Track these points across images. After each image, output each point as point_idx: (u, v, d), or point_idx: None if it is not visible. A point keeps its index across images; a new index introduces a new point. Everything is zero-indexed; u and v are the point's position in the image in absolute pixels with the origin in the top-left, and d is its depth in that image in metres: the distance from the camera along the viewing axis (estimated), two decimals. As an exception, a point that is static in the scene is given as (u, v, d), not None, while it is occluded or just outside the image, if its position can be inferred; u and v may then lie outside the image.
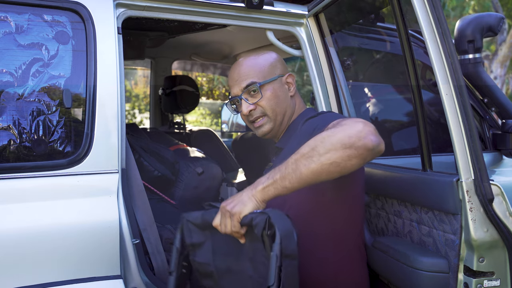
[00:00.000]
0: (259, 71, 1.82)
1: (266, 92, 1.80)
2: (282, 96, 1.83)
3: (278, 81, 1.84)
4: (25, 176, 1.68)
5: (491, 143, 2.43)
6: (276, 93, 1.81)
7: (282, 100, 1.83)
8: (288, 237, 1.34)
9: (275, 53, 1.93)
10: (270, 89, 1.81)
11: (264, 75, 1.82)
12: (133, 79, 13.59)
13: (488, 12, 5.42)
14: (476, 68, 2.33)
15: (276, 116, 1.82)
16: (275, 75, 1.84)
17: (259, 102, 1.80)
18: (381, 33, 2.72)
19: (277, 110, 1.82)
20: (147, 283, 1.80)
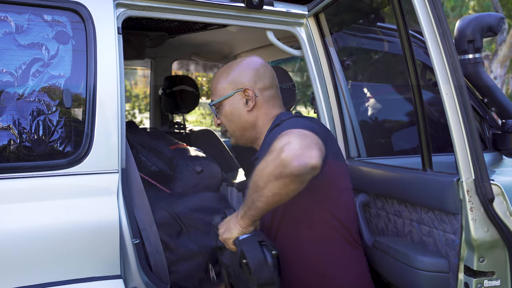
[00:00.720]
0: (217, 89, 1.87)
1: (223, 109, 1.86)
2: (236, 112, 1.84)
3: (235, 98, 1.84)
4: (25, 176, 1.68)
5: (491, 143, 2.43)
6: (231, 111, 1.85)
7: (236, 117, 1.84)
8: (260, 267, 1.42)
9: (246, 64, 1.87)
10: (226, 106, 1.85)
11: (220, 93, 1.86)
12: (133, 79, 13.60)
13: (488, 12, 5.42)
14: (476, 68, 2.33)
15: (233, 131, 1.89)
16: (231, 91, 1.84)
17: (221, 118, 1.89)
18: (381, 33, 2.72)
19: (232, 127, 1.87)
20: (147, 283, 1.80)
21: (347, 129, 2.35)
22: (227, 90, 1.85)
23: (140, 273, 1.79)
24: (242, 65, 1.88)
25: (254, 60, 1.90)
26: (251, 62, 1.89)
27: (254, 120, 1.85)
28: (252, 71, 1.86)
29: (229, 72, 1.87)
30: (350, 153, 2.34)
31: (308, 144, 1.39)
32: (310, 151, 1.36)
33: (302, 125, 1.58)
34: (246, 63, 1.89)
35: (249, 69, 1.86)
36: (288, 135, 1.42)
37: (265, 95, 1.85)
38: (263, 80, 1.86)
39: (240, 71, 1.86)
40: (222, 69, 1.91)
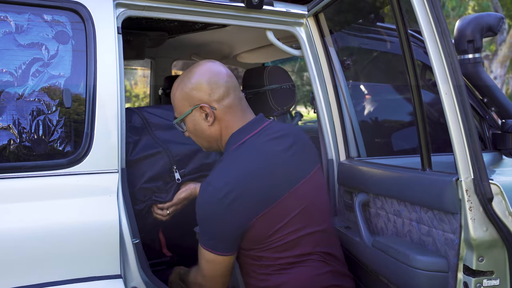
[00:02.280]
0: (176, 105, 1.83)
1: (187, 125, 1.83)
2: (198, 128, 1.81)
3: (194, 113, 1.79)
4: (25, 176, 1.68)
5: (491, 143, 2.43)
6: (194, 126, 1.82)
7: (200, 132, 1.82)
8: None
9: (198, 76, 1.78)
10: (188, 122, 1.82)
11: (180, 109, 1.82)
12: (133, 79, 13.60)
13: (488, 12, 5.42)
14: (476, 68, 2.33)
15: (202, 143, 1.88)
16: (190, 107, 1.79)
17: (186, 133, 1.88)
18: (381, 33, 2.73)
19: (199, 141, 1.87)
20: (147, 283, 1.80)
21: (347, 129, 2.35)
22: (185, 107, 1.80)
23: (140, 273, 1.79)
24: (195, 78, 1.78)
25: (206, 69, 1.81)
26: (203, 73, 1.79)
27: (217, 133, 1.81)
28: (204, 83, 1.77)
29: (183, 88, 1.79)
30: (350, 153, 2.34)
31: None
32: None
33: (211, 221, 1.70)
34: (198, 75, 1.79)
35: (201, 82, 1.77)
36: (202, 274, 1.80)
37: (223, 105, 1.77)
38: (218, 90, 1.76)
39: (193, 86, 1.77)
40: (177, 82, 1.83)
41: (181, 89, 1.80)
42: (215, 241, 1.70)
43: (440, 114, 2.11)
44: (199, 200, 1.70)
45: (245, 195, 1.66)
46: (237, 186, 1.66)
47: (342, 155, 2.34)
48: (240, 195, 1.65)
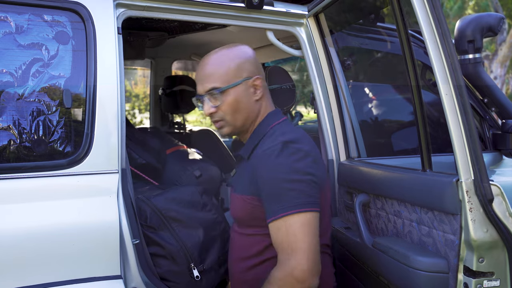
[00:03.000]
0: (223, 74, 1.70)
1: (228, 97, 1.71)
2: (244, 101, 1.72)
3: (243, 85, 1.71)
4: (25, 176, 1.68)
5: (491, 143, 2.43)
6: (238, 99, 1.71)
7: (244, 106, 1.72)
8: None
9: (247, 51, 1.76)
10: (233, 93, 1.71)
11: (228, 79, 1.70)
12: (133, 79, 13.60)
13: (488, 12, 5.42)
14: (476, 68, 2.33)
15: (236, 121, 1.75)
16: (240, 78, 1.71)
17: (221, 106, 1.72)
18: (381, 33, 2.73)
19: (237, 116, 1.73)
20: (147, 283, 1.80)
21: (347, 129, 2.35)
22: (235, 78, 1.70)
23: (140, 273, 1.79)
24: (247, 52, 1.75)
25: (249, 48, 1.79)
26: (250, 50, 1.77)
27: (259, 110, 1.77)
28: (255, 59, 1.76)
29: (235, 58, 1.72)
30: (350, 153, 2.34)
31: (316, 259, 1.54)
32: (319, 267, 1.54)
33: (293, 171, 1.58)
34: (247, 50, 1.76)
35: (252, 57, 1.76)
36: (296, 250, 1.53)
37: (265, 85, 1.78)
38: (261, 69, 1.78)
39: (247, 58, 1.74)
40: (220, 53, 1.74)
41: (231, 58, 1.72)
42: (311, 198, 1.58)
43: (440, 114, 2.11)
44: (284, 161, 1.59)
45: (318, 157, 1.68)
46: (312, 148, 1.67)
47: (342, 156, 2.34)
48: (317, 155, 1.68)
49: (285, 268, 1.53)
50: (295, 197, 1.56)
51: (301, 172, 1.59)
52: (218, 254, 2.09)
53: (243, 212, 1.72)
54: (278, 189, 1.58)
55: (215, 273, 2.10)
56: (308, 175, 1.59)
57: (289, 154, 1.60)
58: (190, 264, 1.98)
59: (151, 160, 2.68)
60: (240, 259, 1.76)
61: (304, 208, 1.55)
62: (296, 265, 1.51)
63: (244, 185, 1.72)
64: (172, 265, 1.95)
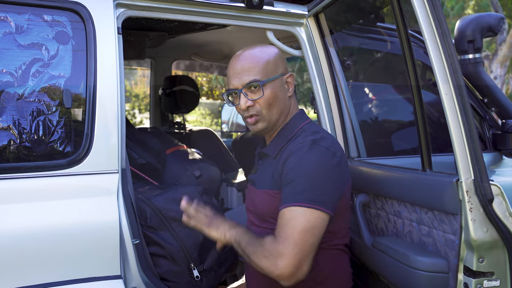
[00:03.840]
0: (263, 68, 1.75)
1: (267, 90, 1.75)
2: (281, 96, 1.78)
3: (279, 80, 1.78)
4: (25, 176, 1.68)
5: (491, 143, 2.43)
6: (276, 93, 1.76)
7: (280, 100, 1.78)
8: None
9: (278, 50, 1.86)
10: (271, 87, 1.75)
11: (267, 72, 1.75)
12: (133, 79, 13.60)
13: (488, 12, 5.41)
14: (476, 68, 2.32)
15: (272, 115, 1.78)
16: (277, 74, 1.77)
17: (259, 100, 1.75)
18: (381, 33, 2.72)
19: (274, 110, 1.78)
20: (147, 283, 1.80)
21: (347, 129, 2.35)
22: (274, 72, 1.77)
23: (140, 273, 1.79)
24: (279, 51, 1.84)
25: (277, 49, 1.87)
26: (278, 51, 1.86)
27: (290, 107, 1.84)
28: (284, 59, 1.84)
29: (272, 54, 1.80)
30: (350, 153, 2.34)
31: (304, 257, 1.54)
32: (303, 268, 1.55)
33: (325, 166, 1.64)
34: (276, 50, 1.84)
35: (282, 56, 1.84)
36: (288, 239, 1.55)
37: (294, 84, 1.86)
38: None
39: (280, 56, 1.82)
40: (257, 49, 1.81)
41: (269, 54, 1.79)
42: (326, 197, 1.61)
43: (440, 114, 2.11)
44: (310, 157, 1.65)
45: (343, 158, 1.72)
46: (339, 148, 1.72)
47: (342, 156, 2.34)
48: (342, 156, 1.71)
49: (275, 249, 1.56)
50: (310, 192, 1.59)
51: (324, 171, 1.64)
52: (218, 254, 2.09)
53: (267, 206, 1.74)
54: (297, 180, 1.62)
55: (215, 273, 2.10)
56: (330, 175, 1.64)
57: (317, 151, 1.66)
58: (190, 264, 1.98)
59: (151, 160, 2.68)
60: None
61: (315, 205, 1.58)
62: (282, 254, 1.54)
63: (268, 180, 1.75)
64: (172, 265, 1.95)
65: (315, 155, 1.65)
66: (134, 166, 2.56)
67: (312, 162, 1.64)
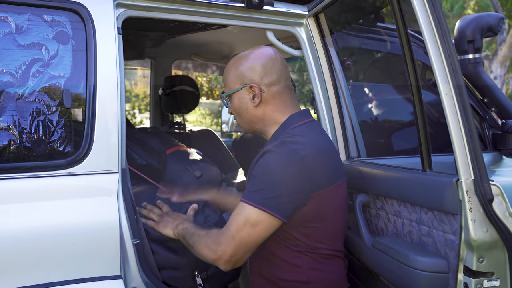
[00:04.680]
0: (227, 80, 1.88)
1: (232, 101, 1.88)
2: (244, 107, 1.85)
3: (243, 92, 1.84)
4: (25, 176, 1.68)
5: (491, 143, 2.43)
6: (239, 104, 1.86)
7: (244, 111, 1.86)
8: None
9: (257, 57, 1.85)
10: (236, 99, 1.87)
11: (230, 85, 1.87)
12: (133, 79, 13.60)
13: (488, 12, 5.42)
14: (476, 68, 2.32)
15: (243, 123, 1.91)
16: (239, 86, 1.84)
17: (230, 109, 1.93)
18: (381, 33, 2.72)
19: (240, 119, 1.91)
20: (147, 283, 1.80)
21: (347, 129, 2.35)
22: (236, 84, 1.86)
23: (140, 273, 1.79)
24: (251, 59, 1.85)
25: (263, 53, 1.86)
26: (260, 56, 1.85)
27: (261, 115, 1.86)
28: (259, 66, 1.83)
29: (238, 66, 1.86)
30: (350, 153, 2.34)
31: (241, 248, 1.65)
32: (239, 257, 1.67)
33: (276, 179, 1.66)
34: (254, 56, 1.85)
35: (256, 64, 1.84)
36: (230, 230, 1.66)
37: (272, 91, 1.83)
38: (270, 75, 1.83)
39: (248, 66, 1.84)
40: (233, 60, 1.90)
41: (236, 66, 1.87)
42: (277, 200, 1.64)
43: (440, 114, 2.11)
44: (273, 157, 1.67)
45: (316, 164, 1.70)
46: (312, 152, 1.71)
47: (342, 156, 2.34)
48: (313, 161, 1.69)
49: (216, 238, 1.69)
50: (263, 192, 1.65)
51: (282, 174, 1.66)
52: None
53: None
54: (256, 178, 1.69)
55: (219, 280, 2.09)
56: (289, 179, 1.65)
57: (282, 152, 1.68)
58: (194, 271, 1.98)
59: (151, 161, 2.68)
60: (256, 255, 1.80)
61: (263, 207, 1.63)
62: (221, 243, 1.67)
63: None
64: (175, 272, 1.95)
65: (278, 156, 1.67)
66: (134, 166, 2.55)
67: (273, 162, 1.68)
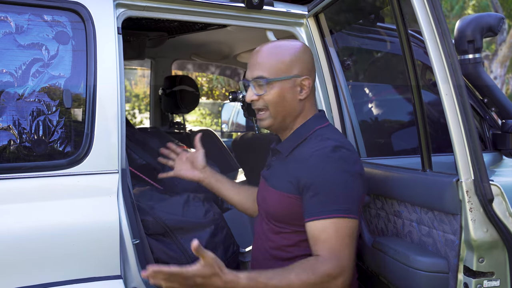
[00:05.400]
0: (273, 65, 1.72)
1: (273, 89, 1.72)
2: (288, 97, 1.74)
3: (291, 82, 1.73)
4: (25, 176, 1.68)
5: (491, 143, 2.43)
6: (282, 94, 1.73)
7: (287, 102, 1.74)
8: None
9: (304, 50, 1.79)
10: (278, 87, 1.72)
11: (277, 72, 1.72)
12: (133, 79, 13.59)
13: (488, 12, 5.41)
14: (476, 68, 2.32)
15: (276, 114, 1.76)
16: (288, 75, 1.73)
17: (263, 96, 1.74)
18: (381, 33, 2.72)
19: (278, 110, 1.75)
20: (147, 283, 1.80)
21: (347, 129, 2.35)
22: (285, 72, 1.73)
23: (140, 274, 1.79)
24: (302, 51, 1.77)
25: (308, 48, 1.82)
26: (308, 50, 1.80)
27: (300, 110, 1.78)
28: (310, 60, 1.79)
29: (289, 53, 1.75)
30: (350, 153, 2.33)
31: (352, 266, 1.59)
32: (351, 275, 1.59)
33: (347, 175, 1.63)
34: (305, 49, 1.79)
35: (309, 57, 1.78)
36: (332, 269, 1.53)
37: (313, 87, 1.81)
38: (314, 71, 1.81)
39: (301, 57, 1.76)
40: (277, 44, 1.78)
41: (286, 53, 1.75)
42: (353, 204, 1.63)
43: (440, 114, 2.11)
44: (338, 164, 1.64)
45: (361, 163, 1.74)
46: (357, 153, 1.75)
47: (342, 156, 2.34)
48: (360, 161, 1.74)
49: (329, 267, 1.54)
50: (346, 201, 1.62)
51: (353, 177, 1.64)
52: (221, 259, 2.09)
53: (283, 209, 1.73)
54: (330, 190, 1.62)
55: None
56: (358, 180, 1.66)
57: (341, 158, 1.65)
58: None
59: (151, 161, 2.68)
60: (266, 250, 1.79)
61: (353, 215, 1.61)
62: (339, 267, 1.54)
63: (283, 183, 1.74)
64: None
65: (343, 162, 1.64)
66: (134, 167, 2.55)
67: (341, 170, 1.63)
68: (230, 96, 3.22)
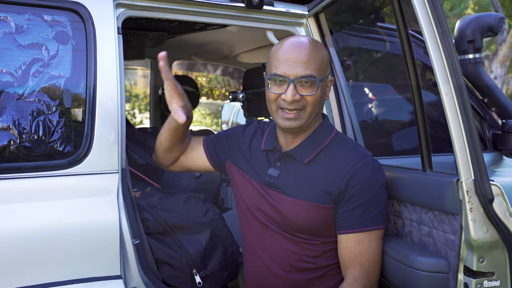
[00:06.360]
0: (319, 65, 1.67)
1: (318, 90, 1.66)
2: (323, 98, 1.73)
3: (328, 82, 1.76)
4: (25, 176, 1.68)
5: (491, 143, 2.43)
6: (321, 94, 1.70)
7: (322, 102, 1.74)
8: None
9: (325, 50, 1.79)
10: (322, 88, 1.69)
11: (322, 72, 1.68)
12: (133, 79, 13.59)
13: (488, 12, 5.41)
14: (476, 68, 2.33)
15: (311, 115, 1.69)
16: (327, 74, 1.73)
17: (307, 97, 1.65)
18: (381, 33, 2.73)
19: (315, 110, 1.70)
20: (147, 283, 1.80)
21: (347, 129, 2.35)
22: (326, 71, 1.72)
23: (140, 273, 1.79)
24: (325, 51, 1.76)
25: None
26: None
27: (322, 110, 1.80)
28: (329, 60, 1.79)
29: (325, 52, 1.75)
30: (350, 153, 2.33)
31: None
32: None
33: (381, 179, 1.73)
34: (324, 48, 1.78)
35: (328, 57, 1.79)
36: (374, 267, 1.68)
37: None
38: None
39: (328, 58, 1.76)
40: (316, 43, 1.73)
41: (323, 50, 1.74)
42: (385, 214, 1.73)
43: (440, 114, 2.11)
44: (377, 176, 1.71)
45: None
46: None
47: (342, 156, 2.34)
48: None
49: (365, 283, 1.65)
50: (381, 212, 1.69)
51: (385, 187, 1.73)
52: (221, 259, 2.08)
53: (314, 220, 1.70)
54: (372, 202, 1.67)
55: (217, 279, 2.09)
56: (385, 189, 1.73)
57: (378, 169, 1.73)
58: (192, 270, 1.98)
59: (151, 161, 2.68)
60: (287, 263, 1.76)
61: (384, 224, 1.70)
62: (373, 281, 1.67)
63: (315, 193, 1.69)
64: (174, 271, 1.95)
65: (380, 174, 1.72)
66: (134, 166, 2.55)
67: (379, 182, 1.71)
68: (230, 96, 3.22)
